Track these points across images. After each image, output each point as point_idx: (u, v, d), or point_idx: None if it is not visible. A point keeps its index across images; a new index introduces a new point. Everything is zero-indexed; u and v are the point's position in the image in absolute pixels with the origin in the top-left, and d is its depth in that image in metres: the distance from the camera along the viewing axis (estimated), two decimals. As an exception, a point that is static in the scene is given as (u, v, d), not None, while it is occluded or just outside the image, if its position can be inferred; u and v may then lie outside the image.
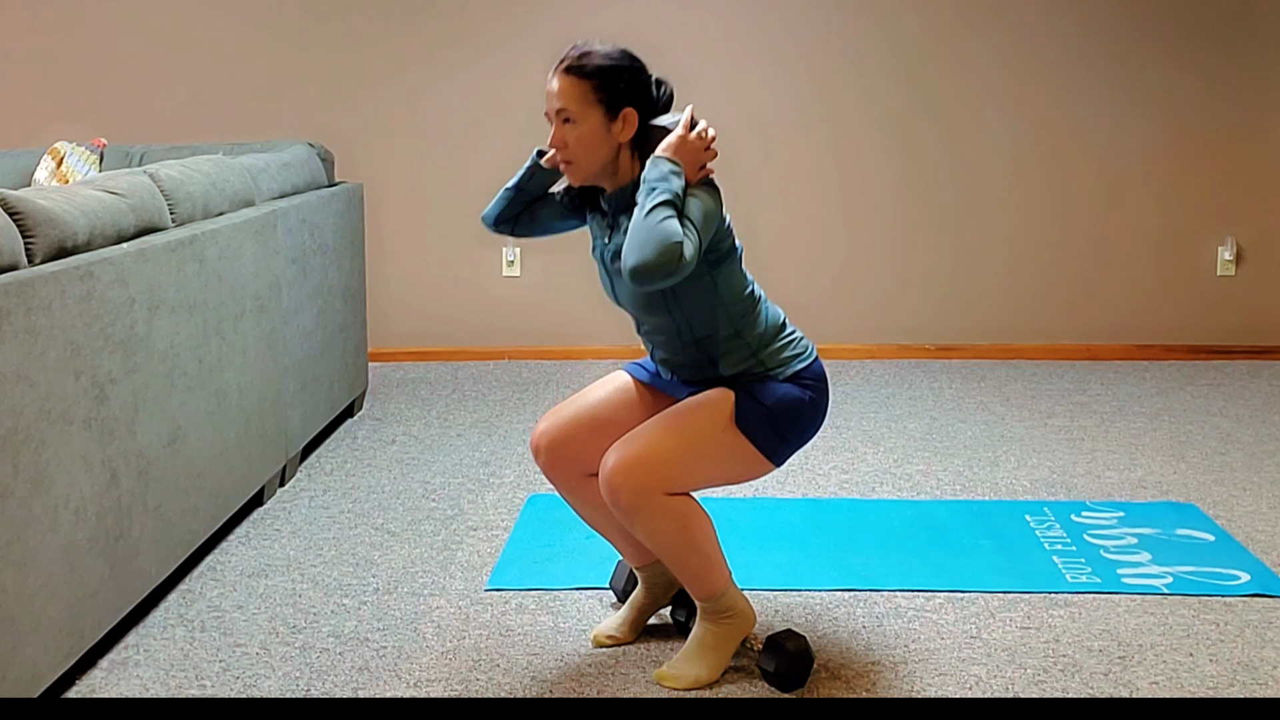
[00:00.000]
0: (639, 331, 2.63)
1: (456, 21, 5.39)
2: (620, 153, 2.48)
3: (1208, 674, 2.59)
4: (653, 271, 2.25)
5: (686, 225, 2.33)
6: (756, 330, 2.53)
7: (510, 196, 2.67)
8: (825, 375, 2.59)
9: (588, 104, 2.43)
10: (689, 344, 2.53)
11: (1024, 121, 5.43)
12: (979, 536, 3.34)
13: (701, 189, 2.42)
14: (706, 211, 2.38)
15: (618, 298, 2.58)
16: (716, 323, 2.50)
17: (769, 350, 2.53)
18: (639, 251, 2.26)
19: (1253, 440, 4.23)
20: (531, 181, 2.64)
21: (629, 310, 2.57)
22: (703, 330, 2.50)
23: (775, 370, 2.52)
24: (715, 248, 2.45)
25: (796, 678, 2.52)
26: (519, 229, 2.70)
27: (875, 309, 5.53)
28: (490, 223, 2.70)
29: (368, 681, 2.57)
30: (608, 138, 2.46)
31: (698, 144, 2.43)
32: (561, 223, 2.70)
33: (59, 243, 2.54)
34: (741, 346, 2.52)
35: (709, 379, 2.56)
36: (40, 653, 2.36)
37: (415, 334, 5.58)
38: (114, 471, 2.62)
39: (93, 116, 5.39)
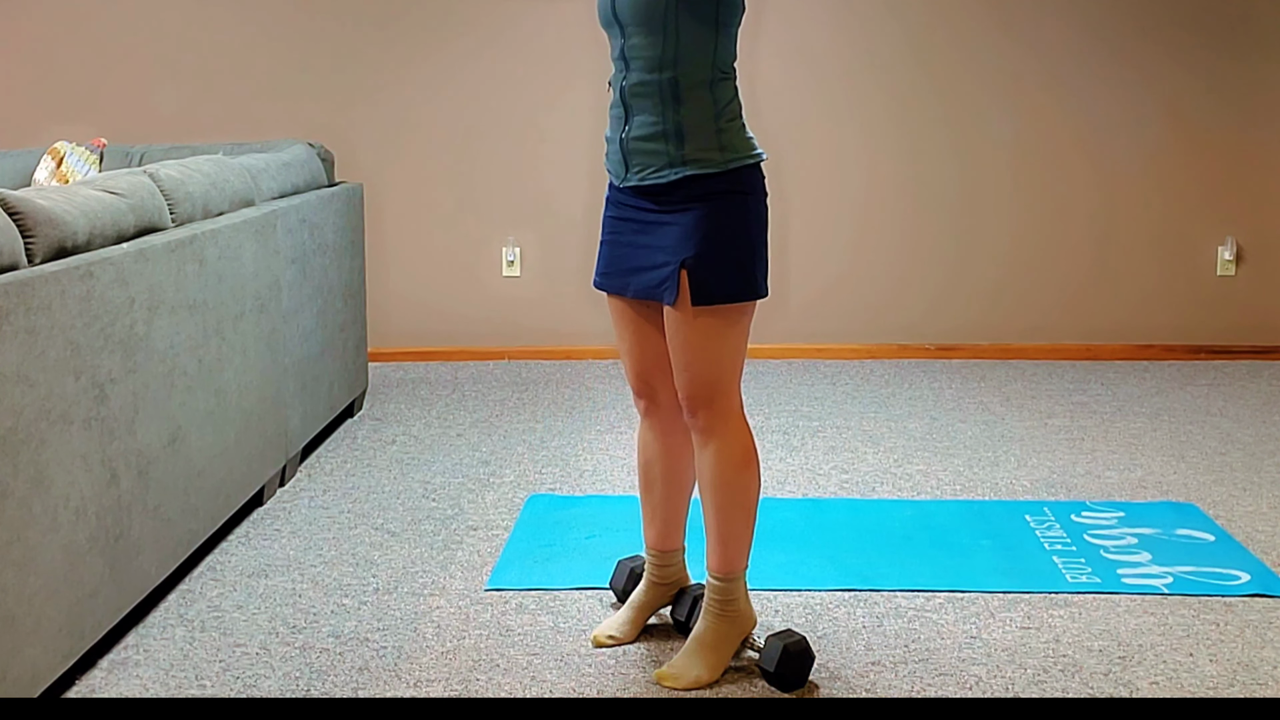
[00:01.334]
0: (617, 58, 2.52)
1: (456, 21, 5.39)
2: None
3: (1208, 674, 2.59)
4: None
5: None
6: (725, 96, 2.48)
7: None
8: (764, 184, 2.55)
9: None
10: (667, 67, 2.44)
11: (1024, 121, 5.43)
12: (979, 536, 3.34)
13: None
14: None
15: (615, 10, 2.47)
16: (699, 62, 2.43)
17: (726, 122, 2.47)
18: None
19: (1253, 440, 4.23)
20: None
21: (623, 21, 2.47)
22: (685, 62, 2.43)
23: (724, 151, 2.46)
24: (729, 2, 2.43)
25: (796, 678, 2.52)
26: None
27: (875, 309, 5.53)
28: None
29: (368, 681, 2.57)
30: None
31: None
32: None
33: (59, 243, 2.54)
34: (707, 99, 2.45)
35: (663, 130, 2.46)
36: (40, 653, 2.36)
37: (415, 334, 5.58)
38: (114, 471, 2.62)
39: (93, 116, 5.38)
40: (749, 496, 2.58)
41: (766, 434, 4.29)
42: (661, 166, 2.47)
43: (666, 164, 2.47)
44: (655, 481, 2.73)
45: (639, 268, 2.55)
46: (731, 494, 2.55)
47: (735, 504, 2.56)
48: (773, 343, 5.45)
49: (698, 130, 2.45)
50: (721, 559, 2.56)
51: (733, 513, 2.56)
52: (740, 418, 2.57)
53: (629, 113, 2.51)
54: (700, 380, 2.51)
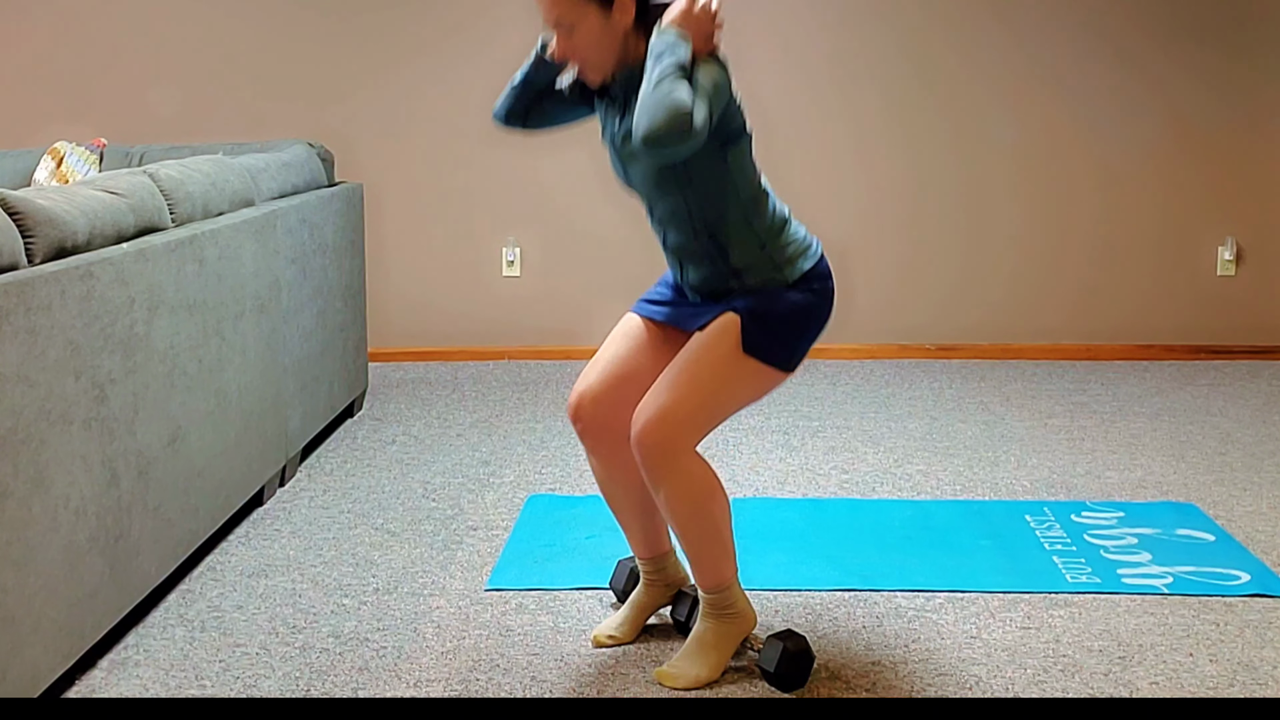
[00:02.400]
0: (651, 219, 2.59)
1: (456, 20, 5.39)
2: (626, 39, 2.45)
3: (1208, 674, 2.59)
4: (663, 137, 2.21)
5: (696, 93, 2.29)
6: (765, 220, 2.50)
7: (518, 92, 2.63)
8: (830, 271, 2.57)
9: (579, 5, 2.40)
10: (700, 230, 2.49)
11: (1025, 121, 5.43)
12: (979, 536, 3.34)
13: (710, 61, 2.38)
14: (716, 81, 2.35)
15: (630, 181, 2.55)
16: (727, 207, 2.47)
17: (777, 242, 2.51)
18: (649, 118, 2.22)
19: (1253, 440, 4.23)
20: (538, 74, 2.61)
21: (641, 193, 2.54)
22: (714, 214, 2.47)
23: (784, 267, 2.50)
24: (727, 124, 2.42)
25: (796, 678, 2.52)
26: (530, 121, 2.67)
27: (875, 309, 5.53)
28: (500, 118, 2.67)
29: (368, 681, 2.57)
30: (610, 30, 2.42)
31: (703, 15, 2.38)
32: (571, 112, 2.67)
33: (59, 243, 2.54)
34: (750, 236, 2.49)
35: (720, 275, 2.52)
36: (40, 653, 2.36)
37: (415, 334, 5.58)
38: (114, 471, 2.62)
39: (93, 116, 5.38)
40: (714, 522, 2.51)
41: (766, 434, 4.29)
42: (726, 293, 2.54)
43: (730, 291, 2.53)
44: (619, 502, 2.72)
45: (691, 314, 2.59)
46: (696, 527, 2.50)
47: (701, 533, 2.50)
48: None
49: (753, 266, 2.51)
50: (704, 578, 2.55)
51: (701, 540, 2.51)
52: (688, 461, 2.47)
53: (682, 265, 2.59)
54: (670, 410, 2.43)
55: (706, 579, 2.54)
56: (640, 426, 2.44)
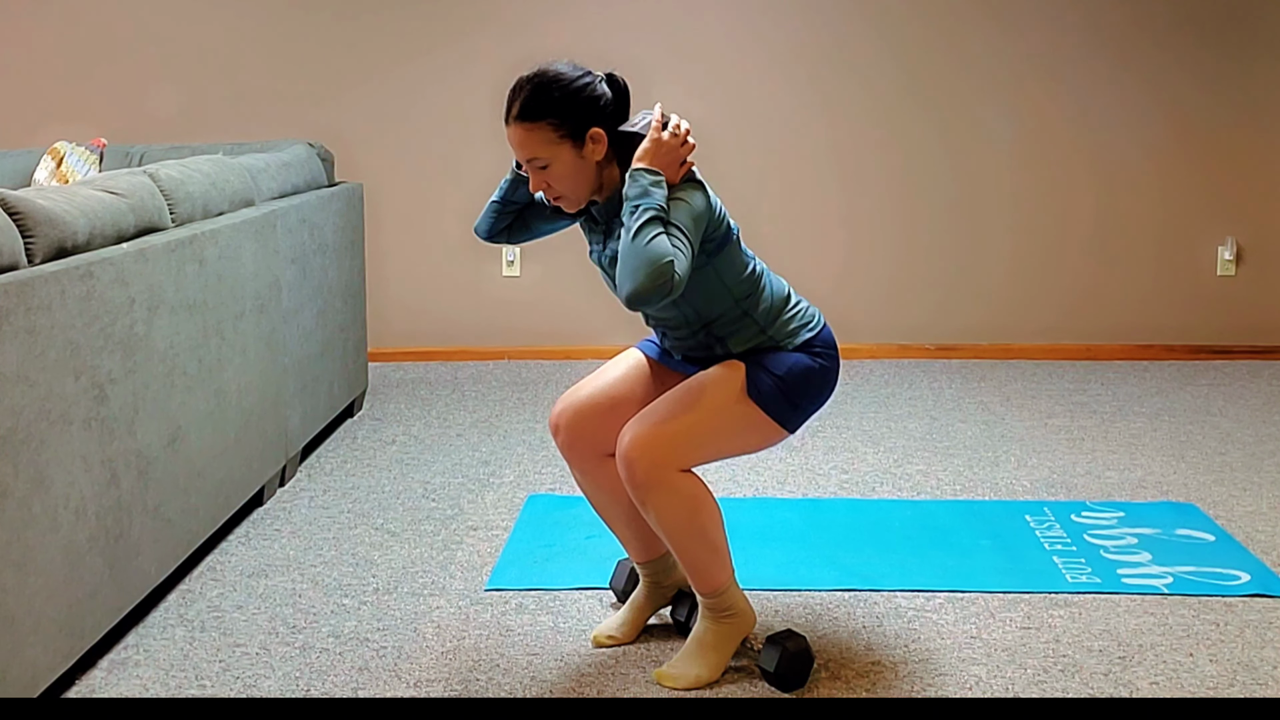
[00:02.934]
0: (647, 323, 2.63)
1: (456, 20, 5.39)
2: (600, 169, 2.47)
3: (1208, 674, 2.59)
4: (648, 295, 2.25)
5: (675, 236, 2.31)
6: (762, 307, 2.53)
7: (499, 209, 2.66)
8: (835, 342, 2.60)
9: (553, 144, 2.41)
10: (698, 330, 2.54)
11: (1024, 121, 5.43)
12: (979, 536, 3.34)
13: (685, 188, 2.40)
14: (695, 214, 2.37)
15: None
16: (722, 307, 2.50)
17: (777, 324, 2.54)
18: (632, 279, 2.26)
19: (1253, 440, 4.23)
20: (517, 192, 2.63)
21: None
22: (710, 315, 2.51)
23: (784, 341, 2.53)
24: (710, 238, 2.44)
25: (796, 678, 2.52)
26: (514, 237, 2.70)
27: (875, 309, 5.53)
28: (484, 236, 2.69)
29: (368, 681, 2.57)
30: (584, 164, 2.44)
31: (673, 143, 2.40)
32: (553, 224, 2.70)
33: (59, 243, 2.54)
34: (749, 324, 2.52)
35: (719, 357, 2.56)
36: (40, 653, 2.36)
37: (415, 334, 5.58)
38: (114, 471, 2.62)
39: (92, 116, 5.38)
40: (705, 532, 2.49)
41: (766, 434, 4.29)
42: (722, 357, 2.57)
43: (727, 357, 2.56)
44: (608, 512, 2.72)
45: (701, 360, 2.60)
46: (687, 537, 2.48)
47: (693, 544, 2.49)
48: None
49: (756, 349, 2.53)
50: (700, 583, 2.55)
51: (694, 550, 2.50)
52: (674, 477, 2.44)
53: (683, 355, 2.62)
54: (662, 430, 2.42)
55: (702, 584, 2.54)
56: (629, 441, 2.43)
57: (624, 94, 2.49)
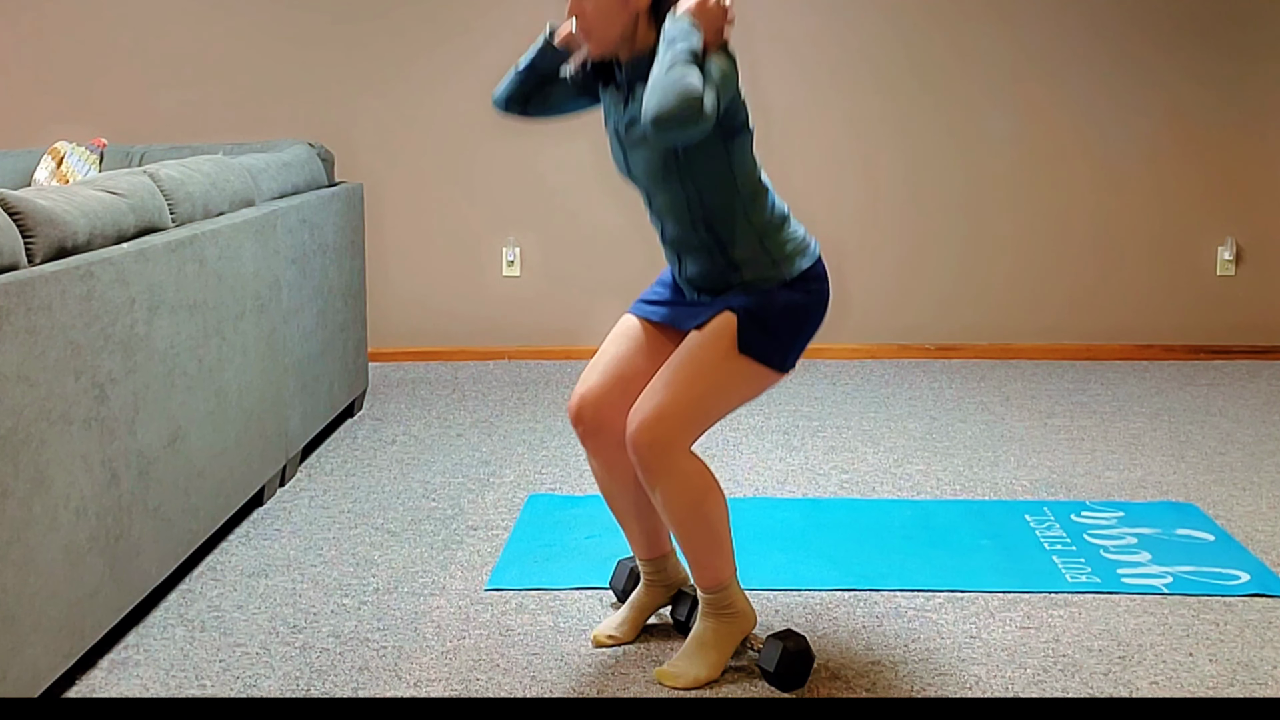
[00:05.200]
0: (650, 209, 2.59)
1: (456, 21, 5.39)
2: (637, 20, 2.45)
3: (1208, 674, 2.59)
4: (673, 119, 2.22)
5: (706, 81, 2.30)
6: (764, 215, 2.52)
7: (521, 77, 2.64)
8: (826, 272, 2.59)
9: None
10: (699, 221, 2.50)
11: (1024, 121, 5.43)
12: (979, 536, 3.34)
13: (720, 53, 2.40)
14: (725, 73, 2.36)
15: (630, 170, 2.55)
16: (727, 199, 2.48)
17: (775, 239, 2.52)
18: (660, 99, 2.23)
19: (1253, 440, 4.23)
20: (543, 60, 2.62)
21: (641, 183, 2.55)
22: (713, 206, 2.48)
23: (781, 264, 2.51)
24: (731, 116, 2.43)
25: (796, 678, 2.52)
26: (530, 108, 2.68)
27: (875, 309, 5.53)
28: (500, 103, 2.68)
29: (368, 681, 2.57)
30: (625, 6, 2.43)
31: (716, 9, 2.40)
32: (574, 101, 2.68)
33: (59, 243, 2.54)
34: (749, 230, 2.50)
35: (718, 270, 2.53)
36: (40, 653, 2.36)
37: (415, 334, 5.58)
38: (114, 471, 2.62)
39: (93, 116, 5.38)
40: (711, 522, 2.51)
41: (766, 434, 4.29)
42: (724, 288, 2.55)
43: (728, 286, 2.54)
44: (619, 503, 2.72)
45: (688, 313, 2.59)
46: (694, 525, 2.50)
47: (699, 533, 2.50)
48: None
49: (751, 259, 2.52)
50: (703, 577, 2.56)
51: (699, 540, 2.51)
52: (684, 460, 2.47)
53: (680, 258, 2.59)
54: (665, 409, 2.43)
55: (705, 578, 2.55)
56: (635, 426, 2.45)
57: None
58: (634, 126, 2.48)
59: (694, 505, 2.47)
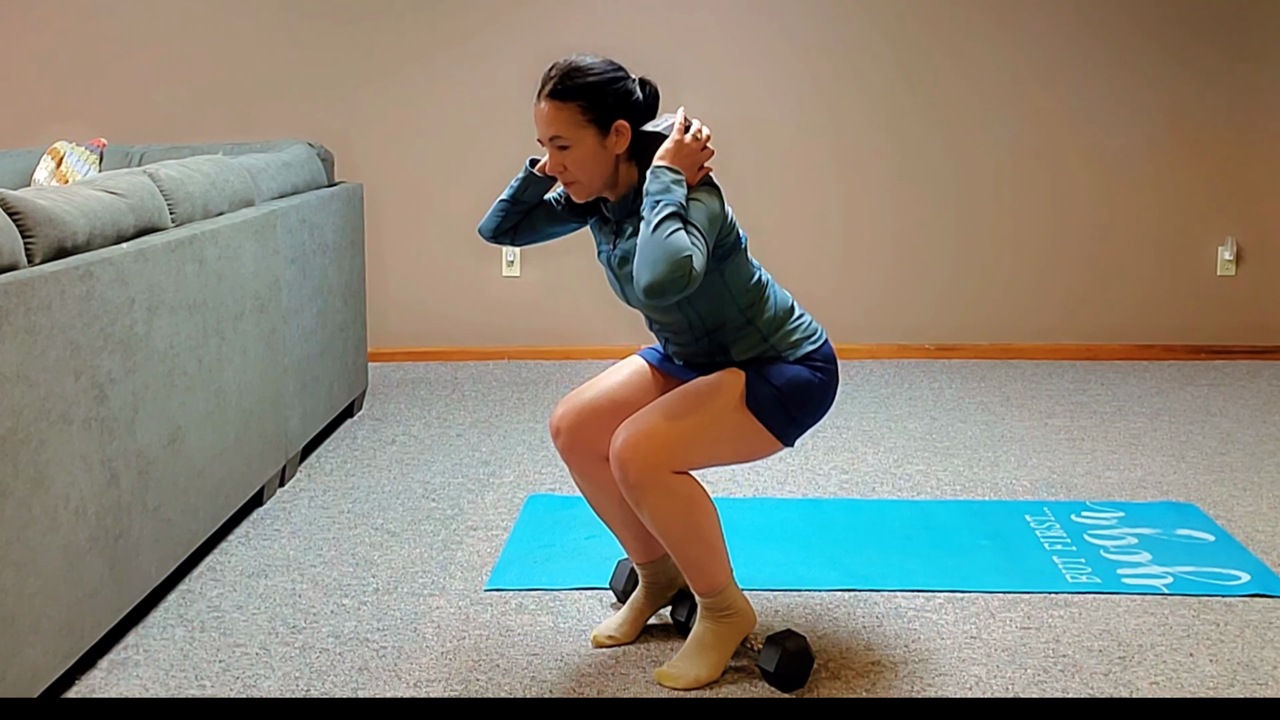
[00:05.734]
0: (650, 328, 2.64)
1: (456, 21, 5.39)
2: (618, 163, 2.49)
3: (1208, 674, 2.59)
4: (666, 287, 2.27)
5: (693, 234, 2.33)
6: (766, 316, 2.54)
7: (506, 208, 2.67)
8: (835, 357, 2.61)
9: (578, 126, 2.44)
10: (701, 336, 2.55)
11: (1024, 121, 5.43)
12: (979, 536, 3.34)
13: (702, 191, 2.43)
14: (711, 215, 2.40)
15: (628, 300, 2.59)
16: (727, 314, 2.52)
17: (779, 334, 2.55)
18: (651, 270, 2.28)
19: (1253, 440, 4.23)
20: (527, 192, 2.64)
21: (640, 310, 2.58)
22: (714, 322, 2.53)
23: (786, 353, 2.54)
24: (721, 244, 2.46)
25: (796, 678, 2.52)
26: (519, 238, 2.71)
27: (875, 309, 5.53)
28: (489, 235, 2.70)
29: (368, 681, 2.57)
30: (604, 154, 2.47)
31: (694, 146, 2.44)
32: (561, 227, 2.71)
33: (59, 243, 2.54)
34: (753, 333, 2.54)
35: (721, 365, 2.57)
36: (40, 653, 2.36)
37: (415, 334, 5.58)
38: (114, 471, 2.62)
39: (92, 116, 5.39)
40: (701, 530, 2.49)
41: (766, 434, 4.29)
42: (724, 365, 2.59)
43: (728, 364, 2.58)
44: (607, 512, 2.73)
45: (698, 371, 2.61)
46: (683, 538, 2.48)
47: (689, 543, 2.49)
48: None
49: (757, 357, 2.54)
50: (698, 583, 2.55)
51: (691, 549, 2.50)
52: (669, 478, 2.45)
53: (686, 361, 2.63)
54: (657, 431, 2.42)
55: (700, 584, 2.54)
56: (622, 441, 2.43)
57: (653, 99, 2.53)
58: (626, 263, 2.51)
59: (682, 519, 2.46)
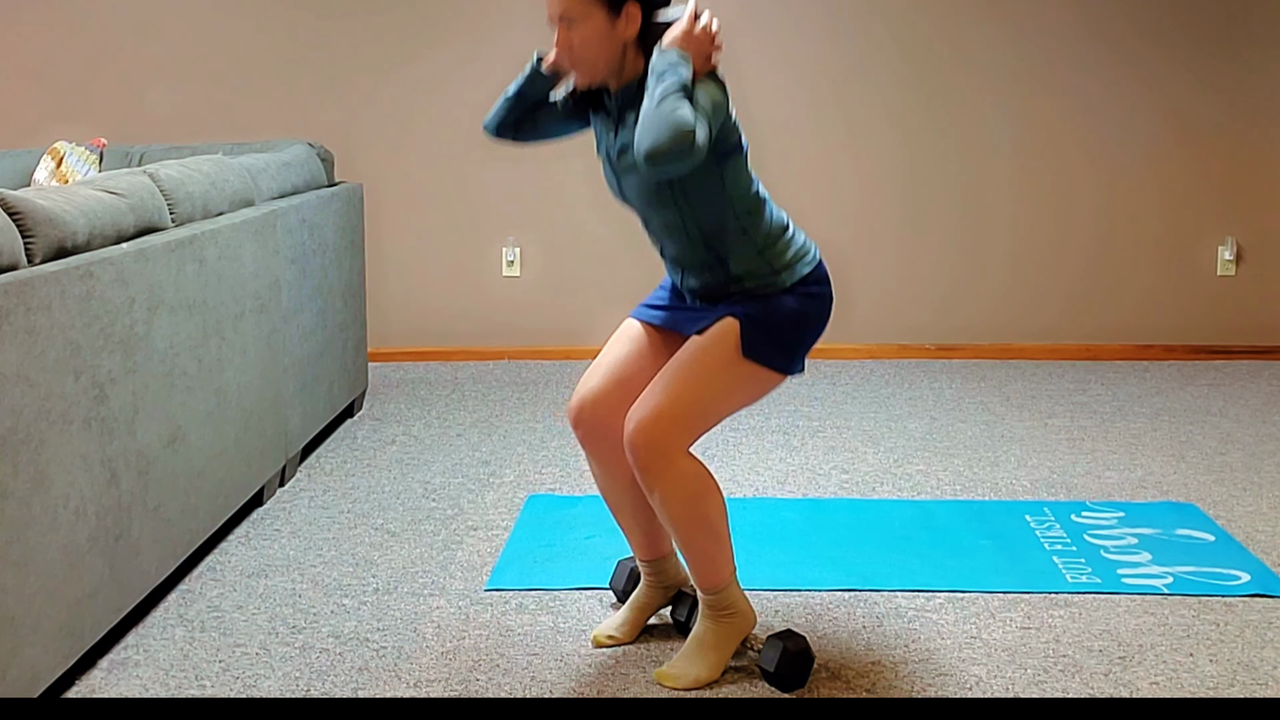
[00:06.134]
0: (648, 230, 2.60)
1: (456, 20, 5.39)
2: (625, 50, 2.47)
3: (1208, 674, 2.59)
4: (666, 155, 2.24)
5: (697, 112, 2.32)
6: (762, 228, 2.52)
7: (511, 103, 2.65)
8: (828, 276, 2.59)
9: (589, 4, 2.42)
10: (697, 241, 2.51)
11: (1025, 122, 5.43)
12: (979, 536, 3.34)
13: (709, 80, 2.41)
14: (715, 101, 2.38)
15: (624, 195, 2.56)
16: (724, 219, 2.49)
17: (775, 249, 2.53)
18: (653, 136, 2.25)
19: (1253, 440, 4.23)
20: (532, 87, 2.62)
21: (636, 207, 2.55)
22: (710, 226, 2.49)
23: (781, 272, 2.52)
24: (723, 140, 2.44)
25: (796, 678, 2.52)
26: (521, 134, 2.69)
27: (875, 309, 5.53)
28: (491, 130, 2.68)
29: (368, 681, 2.57)
30: (611, 36, 2.44)
31: (703, 36, 2.41)
32: (564, 125, 2.68)
33: (59, 243, 2.54)
34: (748, 244, 2.51)
35: (719, 282, 2.54)
36: (40, 653, 2.36)
37: (415, 334, 5.58)
38: (114, 471, 2.62)
39: (92, 116, 5.38)
40: (710, 522, 2.50)
41: (766, 434, 4.29)
42: (726, 296, 2.55)
43: (730, 294, 2.55)
44: (620, 505, 2.72)
45: (690, 318, 2.59)
46: (692, 527, 2.49)
47: (697, 534, 2.50)
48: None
49: (751, 271, 2.52)
50: (702, 578, 2.55)
51: (698, 541, 2.51)
52: (681, 461, 2.46)
53: (682, 271, 2.60)
54: (663, 411, 2.43)
55: (704, 579, 2.54)
56: (632, 427, 2.45)
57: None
58: (625, 154, 2.49)
59: (692, 506, 2.47)
